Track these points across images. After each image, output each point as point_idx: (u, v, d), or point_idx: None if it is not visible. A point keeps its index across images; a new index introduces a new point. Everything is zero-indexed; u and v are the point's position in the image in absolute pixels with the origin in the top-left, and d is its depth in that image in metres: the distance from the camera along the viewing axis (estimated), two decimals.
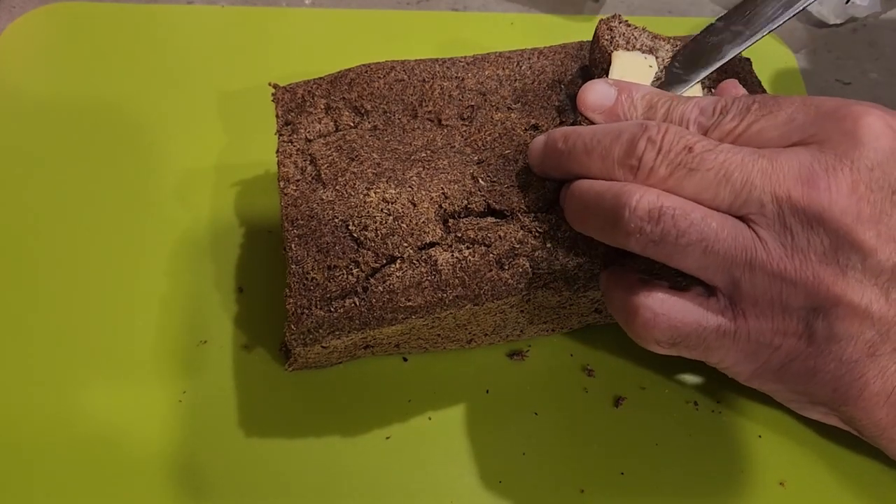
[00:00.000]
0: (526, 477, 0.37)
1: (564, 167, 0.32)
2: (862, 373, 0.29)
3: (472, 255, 0.33)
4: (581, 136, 0.31)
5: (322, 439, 0.38)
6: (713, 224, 0.28)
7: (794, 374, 0.30)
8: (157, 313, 0.41)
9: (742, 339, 0.30)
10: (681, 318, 0.30)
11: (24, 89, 0.49)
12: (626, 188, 0.29)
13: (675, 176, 0.29)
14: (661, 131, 0.29)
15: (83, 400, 0.38)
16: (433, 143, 0.36)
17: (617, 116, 0.33)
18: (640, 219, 0.28)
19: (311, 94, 0.38)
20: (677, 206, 0.28)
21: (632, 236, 0.29)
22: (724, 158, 0.29)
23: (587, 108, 0.34)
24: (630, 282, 0.31)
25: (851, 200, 0.27)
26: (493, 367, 0.40)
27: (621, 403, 0.40)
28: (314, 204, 0.34)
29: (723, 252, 0.28)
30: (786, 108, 0.30)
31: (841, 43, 0.57)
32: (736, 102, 0.31)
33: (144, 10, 0.53)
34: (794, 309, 0.29)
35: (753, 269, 0.28)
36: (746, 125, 0.30)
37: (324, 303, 0.32)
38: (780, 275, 0.28)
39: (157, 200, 0.45)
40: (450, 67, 0.39)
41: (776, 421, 0.39)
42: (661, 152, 0.29)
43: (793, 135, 0.29)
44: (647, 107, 0.33)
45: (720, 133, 0.30)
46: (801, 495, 0.38)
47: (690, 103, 0.32)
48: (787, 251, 0.28)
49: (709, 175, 0.29)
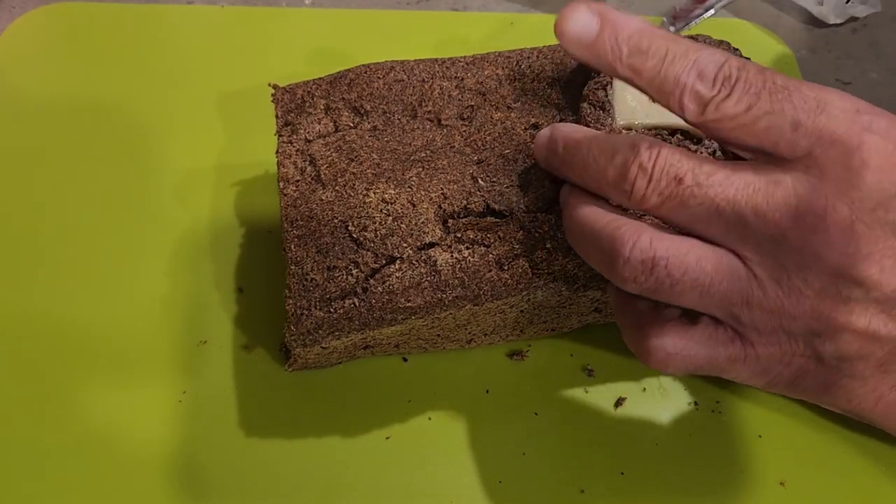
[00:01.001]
0: (526, 477, 0.37)
1: (565, 175, 0.32)
2: (875, 386, 0.29)
3: (471, 256, 0.33)
4: (580, 151, 0.31)
5: (322, 439, 0.38)
6: (708, 268, 0.28)
7: (808, 387, 0.30)
8: (157, 313, 0.41)
9: (752, 362, 0.29)
10: (693, 355, 0.29)
11: (24, 89, 0.49)
12: (619, 232, 0.29)
13: (666, 206, 0.28)
14: (651, 157, 0.28)
15: (83, 400, 0.38)
16: (433, 144, 0.36)
17: (599, 54, 0.28)
18: (633, 269, 0.28)
19: (310, 94, 0.38)
20: (671, 254, 0.28)
21: (627, 283, 0.29)
22: (715, 194, 0.27)
23: (565, 40, 0.28)
24: (639, 313, 0.31)
25: (851, 241, 0.26)
26: (493, 367, 0.40)
27: (621, 403, 0.40)
28: (314, 204, 0.34)
29: (719, 295, 0.28)
30: (794, 103, 0.27)
31: (841, 43, 0.57)
32: (742, 78, 0.27)
33: (144, 10, 0.53)
34: (799, 335, 0.28)
35: (751, 306, 0.28)
36: (752, 118, 0.27)
37: (323, 303, 0.32)
38: (778, 311, 0.28)
39: (157, 200, 0.45)
40: (449, 67, 0.39)
41: (776, 421, 0.39)
42: (651, 181, 0.28)
43: (797, 145, 0.27)
44: (633, 49, 0.28)
45: (720, 115, 0.27)
46: (801, 495, 0.38)
47: (687, 62, 0.27)
48: (782, 289, 0.28)
49: (699, 210, 0.28)
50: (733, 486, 0.38)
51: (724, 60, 0.27)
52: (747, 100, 0.27)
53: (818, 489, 0.38)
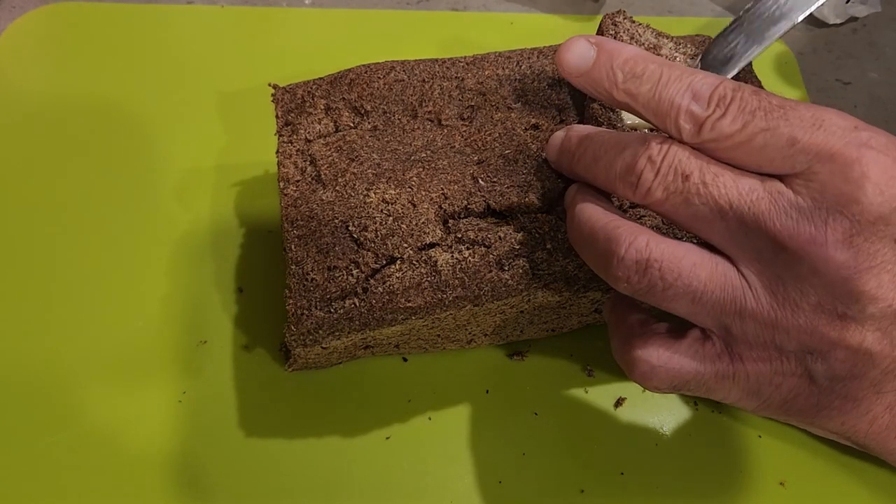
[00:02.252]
0: (526, 477, 0.37)
1: (575, 170, 0.32)
2: (869, 408, 0.29)
3: (471, 256, 0.33)
4: (592, 143, 0.31)
5: (322, 439, 0.38)
6: (702, 275, 0.28)
7: (800, 409, 0.30)
8: (157, 313, 0.41)
9: (742, 380, 0.29)
10: (678, 369, 0.29)
11: (24, 89, 0.49)
12: (616, 233, 0.29)
13: (671, 202, 0.28)
14: (661, 152, 0.28)
15: (83, 400, 0.38)
16: (433, 144, 0.36)
17: (595, 81, 0.30)
18: (627, 268, 0.28)
19: (310, 94, 0.38)
20: (665, 257, 0.28)
21: (620, 283, 0.29)
22: (720, 195, 0.27)
23: (564, 69, 0.31)
24: (628, 327, 0.31)
25: (849, 255, 0.26)
26: (493, 367, 0.40)
27: (621, 403, 0.40)
28: (314, 204, 0.34)
29: (711, 302, 0.28)
30: (790, 122, 0.27)
31: (841, 43, 0.57)
32: (737, 98, 0.27)
33: (144, 10, 0.53)
34: (790, 352, 0.28)
35: (743, 317, 0.28)
36: (748, 136, 0.27)
37: (323, 303, 0.32)
38: (771, 323, 0.28)
39: (157, 200, 0.45)
40: (450, 67, 0.39)
41: (776, 421, 0.39)
42: (658, 174, 0.28)
43: (795, 161, 0.27)
44: (629, 75, 0.29)
45: (716, 134, 0.27)
46: (801, 495, 0.38)
47: (682, 85, 0.28)
48: (777, 300, 0.27)
49: (703, 210, 0.28)
50: (733, 486, 0.38)
51: (719, 82, 0.28)
52: (742, 118, 0.27)
53: (818, 489, 0.38)
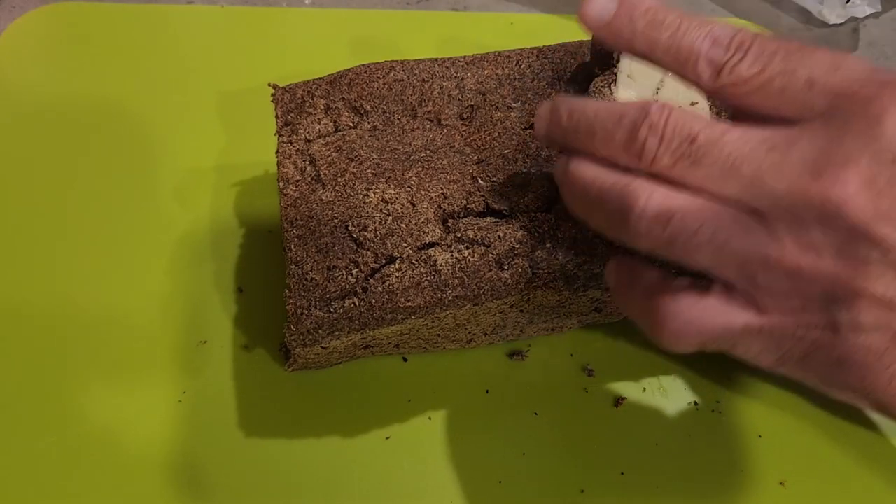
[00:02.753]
0: (526, 477, 0.37)
1: (568, 143, 0.31)
2: (890, 362, 0.28)
3: (471, 255, 0.33)
4: (585, 115, 0.30)
5: (322, 439, 0.38)
6: (724, 223, 0.27)
7: (820, 363, 0.29)
8: (157, 313, 0.41)
9: (766, 333, 0.29)
10: (710, 324, 0.28)
11: (24, 89, 0.49)
12: (631, 188, 0.28)
13: (679, 166, 0.28)
14: (662, 116, 0.28)
15: (83, 400, 0.38)
16: (433, 143, 0.36)
17: (616, 33, 0.30)
18: (648, 222, 0.28)
19: (310, 94, 0.38)
20: (686, 206, 0.27)
21: (641, 238, 0.28)
22: (731, 151, 0.27)
23: (586, 21, 0.31)
24: (649, 282, 0.30)
25: (869, 196, 0.26)
26: (493, 367, 0.40)
27: (621, 403, 0.40)
28: (314, 204, 0.34)
29: (735, 251, 0.27)
30: (809, 64, 0.27)
31: (841, 43, 0.57)
32: (757, 43, 0.27)
33: (144, 9, 0.53)
34: (815, 302, 0.27)
35: (768, 266, 0.27)
36: (767, 79, 0.27)
37: (323, 303, 0.32)
38: (796, 272, 0.27)
39: (157, 200, 0.45)
40: (449, 67, 0.39)
41: (776, 421, 0.39)
42: (663, 141, 0.28)
43: (814, 104, 0.27)
44: (649, 24, 0.29)
45: (735, 78, 0.27)
46: (801, 495, 0.38)
47: (702, 31, 0.28)
48: (801, 247, 0.27)
49: (713, 169, 0.27)
50: (733, 486, 0.38)
51: (739, 30, 0.28)
52: (761, 62, 0.27)
53: (818, 489, 0.38)
